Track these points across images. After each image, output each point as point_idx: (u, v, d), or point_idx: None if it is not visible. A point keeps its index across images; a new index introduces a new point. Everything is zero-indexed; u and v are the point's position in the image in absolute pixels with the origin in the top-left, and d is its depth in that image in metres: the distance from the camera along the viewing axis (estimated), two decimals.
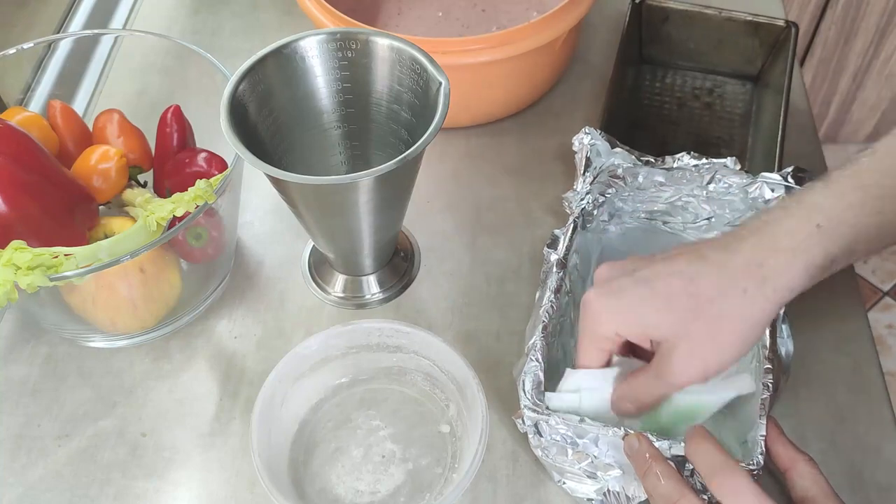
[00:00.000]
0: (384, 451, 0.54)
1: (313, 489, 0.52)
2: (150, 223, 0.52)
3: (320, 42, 0.54)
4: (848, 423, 0.55)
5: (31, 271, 0.47)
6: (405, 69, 0.53)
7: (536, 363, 0.50)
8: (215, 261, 0.60)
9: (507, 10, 0.77)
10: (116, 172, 0.58)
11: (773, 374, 0.49)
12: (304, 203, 0.53)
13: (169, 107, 0.61)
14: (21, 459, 0.55)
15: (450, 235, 0.66)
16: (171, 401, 0.57)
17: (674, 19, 0.74)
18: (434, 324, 0.60)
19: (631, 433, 0.46)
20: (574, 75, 0.77)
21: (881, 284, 1.52)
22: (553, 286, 0.54)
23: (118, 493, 0.53)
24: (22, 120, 0.57)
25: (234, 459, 0.54)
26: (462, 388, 0.52)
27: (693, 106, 0.75)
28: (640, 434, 0.46)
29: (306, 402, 0.56)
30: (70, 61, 0.74)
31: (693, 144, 0.59)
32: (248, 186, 0.63)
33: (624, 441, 0.46)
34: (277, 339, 0.60)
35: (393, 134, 0.57)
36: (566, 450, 0.48)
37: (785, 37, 0.72)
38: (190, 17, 0.84)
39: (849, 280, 0.62)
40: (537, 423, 0.48)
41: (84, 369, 0.59)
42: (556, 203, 0.66)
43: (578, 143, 0.60)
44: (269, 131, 0.54)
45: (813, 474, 0.45)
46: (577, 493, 0.51)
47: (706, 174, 0.59)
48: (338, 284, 0.62)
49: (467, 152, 0.72)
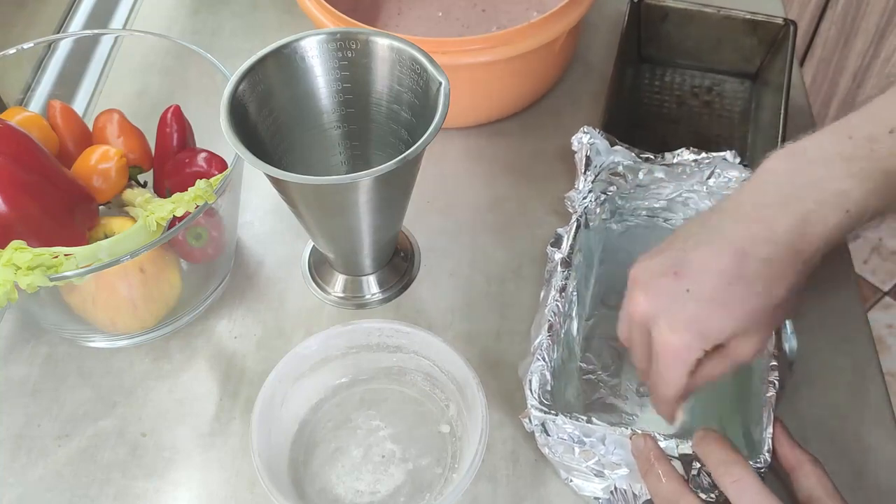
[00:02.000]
0: (384, 451, 0.54)
1: (313, 489, 0.52)
2: (150, 223, 0.52)
3: (320, 42, 0.54)
4: (848, 423, 0.55)
5: (31, 271, 0.47)
6: (405, 69, 0.53)
7: (543, 362, 0.50)
8: (215, 261, 0.60)
9: (507, 10, 0.77)
10: (116, 172, 0.58)
11: (778, 372, 0.49)
12: (304, 203, 0.53)
13: (169, 107, 0.61)
14: (21, 459, 0.55)
15: (450, 235, 0.66)
16: (171, 401, 0.57)
17: (673, 18, 0.74)
18: (434, 324, 0.60)
19: (638, 433, 0.47)
20: (574, 75, 0.77)
21: (881, 284, 1.52)
22: (558, 285, 0.54)
23: (118, 493, 0.53)
24: (22, 120, 0.57)
25: (234, 459, 0.54)
26: (462, 388, 0.52)
27: (692, 104, 0.75)
28: (646, 434, 0.47)
29: (306, 402, 0.56)
30: (70, 61, 0.74)
31: (693, 142, 0.59)
32: (248, 186, 0.63)
33: (630, 440, 0.47)
34: (277, 339, 0.60)
35: (393, 134, 0.57)
36: (573, 448, 0.49)
37: (784, 35, 0.72)
38: (190, 17, 0.84)
39: (849, 280, 0.62)
40: (544, 422, 0.48)
41: (84, 369, 0.59)
42: (556, 203, 0.66)
43: (578, 143, 0.60)
44: (269, 131, 0.54)
45: (818, 475, 0.45)
46: (583, 490, 0.51)
47: (706, 169, 0.59)
48: (338, 284, 0.62)
49: (467, 152, 0.71)
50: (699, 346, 0.45)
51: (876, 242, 1.56)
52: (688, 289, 0.45)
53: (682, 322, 0.45)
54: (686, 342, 0.45)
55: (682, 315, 0.45)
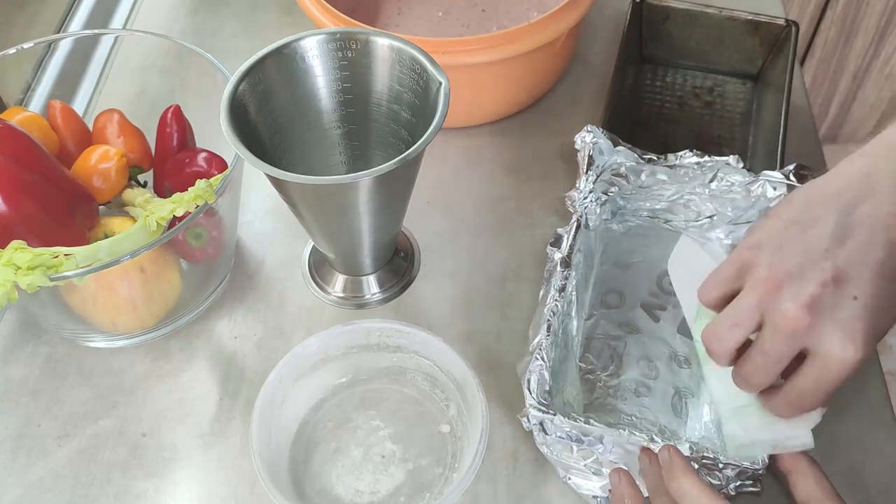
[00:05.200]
0: (384, 451, 0.54)
1: (313, 489, 0.52)
2: (150, 223, 0.52)
3: (320, 42, 0.54)
4: (848, 422, 0.55)
5: (31, 271, 0.47)
6: (405, 69, 0.53)
7: (542, 362, 0.50)
8: (215, 261, 0.60)
9: (507, 10, 0.77)
10: (116, 172, 0.58)
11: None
12: (304, 203, 0.53)
13: (169, 107, 0.61)
14: (21, 459, 0.55)
15: (450, 235, 0.66)
16: (171, 401, 0.57)
17: (674, 18, 0.74)
18: (434, 324, 0.60)
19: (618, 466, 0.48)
20: (574, 75, 0.77)
21: None
22: (557, 285, 0.54)
23: (118, 493, 0.53)
24: (22, 120, 0.57)
25: (234, 459, 0.54)
26: (462, 388, 0.52)
27: (693, 105, 0.75)
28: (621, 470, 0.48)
29: (306, 402, 0.56)
30: (70, 61, 0.74)
31: (694, 143, 0.59)
32: (248, 186, 0.63)
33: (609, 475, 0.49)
34: (277, 339, 0.60)
35: (393, 134, 0.57)
36: (571, 447, 0.49)
37: (785, 36, 0.72)
38: (190, 17, 0.84)
39: None
40: (542, 421, 0.49)
41: (84, 369, 0.59)
42: (556, 203, 0.66)
43: (581, 142, 0.60)
44: (269, 131, 0.54)
45: (816, 476, 0.45)
46: (582, 489, 0.51)
47: (708, 172, 0.59)
48: (338, 284, 0.62)
49: (467, 152, 0.71)
50: (870, 355, 0.41)
51: None
52: (854, 296, 0.40)
53: (858, 332, 0.40)
54: (862, 355, 0.40)
55: (857, 325, 0.40)
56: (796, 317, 0.40)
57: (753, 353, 0.43)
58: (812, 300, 0.40)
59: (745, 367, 0.44)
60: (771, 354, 0.42)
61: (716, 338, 0.44)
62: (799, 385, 0.42)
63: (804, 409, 0.44)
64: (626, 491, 0.47)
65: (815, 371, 0.41)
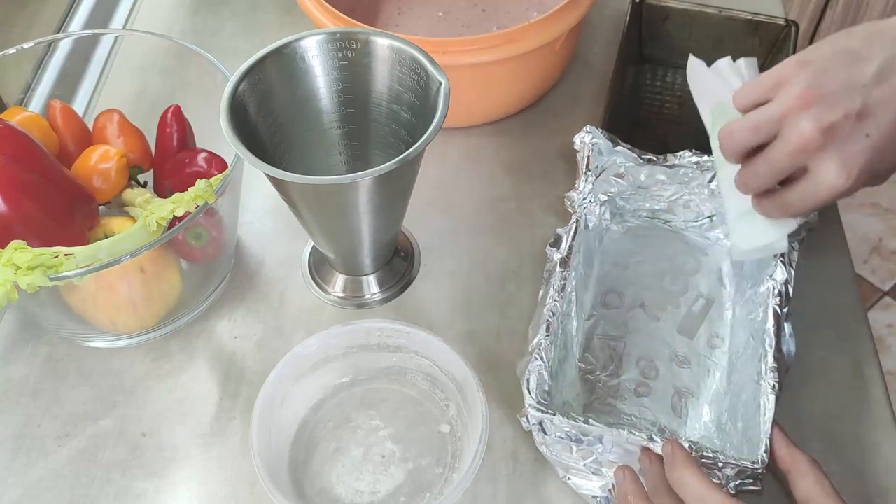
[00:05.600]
0: (384, 451, 0.54)
1: (313, 489, 0.52)
2: (150, 223, 0.52)
3: (320, 42, 0.54)
4: (848, 422, 0.55)
5: (31, 271, 0.47)
6: (405, 69, 0.53)
7: (541, 362, 0.50)
8: (215, 261, 0.60)
9: (507, 10, 0.77)
10: (116, 172, 0.58)
11: (777, 374, 0.49)
12: (304, 203, 0.53)
13: (169, 107, 0.61)
14: (21, 459, 0.55)
15: (450, 235, 0.66)
16: (171, 401, 0.57)
17: (674, 18, 0.74)
18: (434, 324, 0.60)
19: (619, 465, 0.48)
20: (574, 75, 0.77)
21: (881, 284, 1.52)
22: (557, 285, 0.54)
23: (118, 493, 0.53)
24: (22, 120, 0.57)
25: (234, 459, 0.54)
26: (462, 388, 0.52)
27: (693, 104, 0.75)
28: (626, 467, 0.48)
29: (306, 402, 0.56)
30: (70, 61, 0.74)
31: (694, 143, 0.59)
32: (248, 186, 0.63)
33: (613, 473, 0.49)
34: (277, 339, 0.60)
35: (393, 134, 0.57)
36: (570, 447, 0.49)
37: (785, 36, 0.72)
38: (190, 17, 0.84)
39: (849, 280, 0.62)
40: (541, 421, 0.49)
41: (84, 369, 0.59)
42: (556, 203, 0.66)
43: (580, 142, 0.60)
44: (269, 131, 0.54)
45: (816, 475, 0.45)
46: (582, 489, 0.51)
47: (708, 172, 0.59)
48: (338, 284, 0.62)
49: (467, 152, 0.71)
50: (859, 188, 0.44)
51: (876, 242, 1.56)
52: (868, 133, 0.43)
53: (856, 166, 0.43)
54: (851, 186, 0.44)
55: (858, 159, 0.43)
56: (810, 137, 0.43)
57: (759, 161, 0.47)
58: (831, 126, 0.43)
59: (748, 170, 0.48)
60: (774, 165, 0.46)
61: (731, 136, 0.48)
62: (787, 195, 0.47)
63: (786, 214, 0.48)
64: (631, 488, 0.47)
65: (806, 187, 0.45)
